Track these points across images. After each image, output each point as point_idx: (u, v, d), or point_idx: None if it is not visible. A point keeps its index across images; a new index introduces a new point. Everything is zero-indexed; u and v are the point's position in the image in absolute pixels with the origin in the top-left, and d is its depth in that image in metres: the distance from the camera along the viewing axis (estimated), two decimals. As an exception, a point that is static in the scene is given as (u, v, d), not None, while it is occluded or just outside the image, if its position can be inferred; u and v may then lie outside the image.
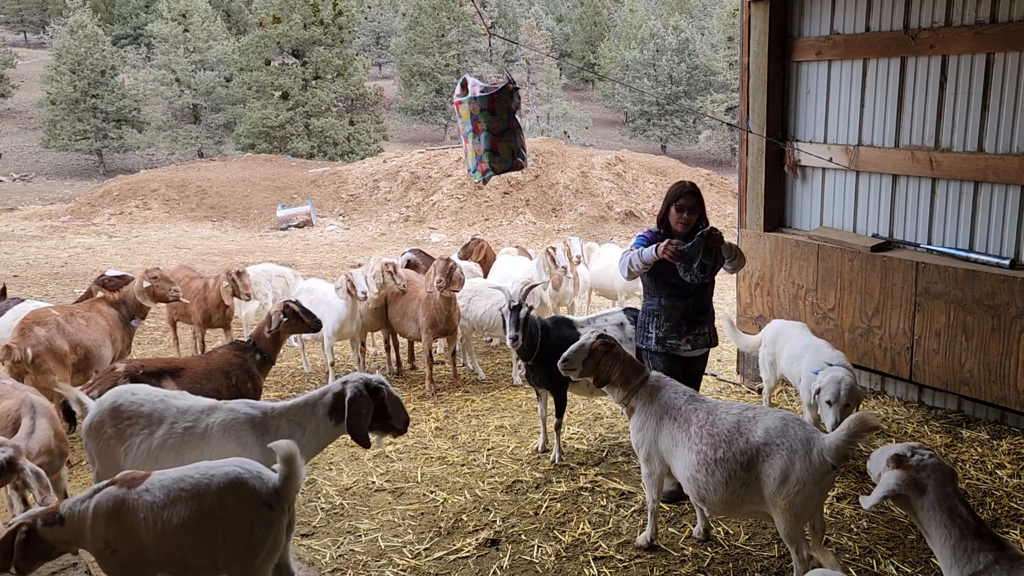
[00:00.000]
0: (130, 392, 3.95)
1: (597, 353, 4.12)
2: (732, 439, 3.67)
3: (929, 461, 2.77)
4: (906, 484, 2.74)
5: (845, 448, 3.47)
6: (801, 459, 3.49)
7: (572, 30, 56.85)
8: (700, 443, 3.75)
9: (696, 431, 3.80)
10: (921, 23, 5.72)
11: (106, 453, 3.83)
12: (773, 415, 3.69)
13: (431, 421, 6.20)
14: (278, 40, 36.20)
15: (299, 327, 5.34)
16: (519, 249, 9.27)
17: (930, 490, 2.71)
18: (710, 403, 3.95)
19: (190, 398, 4.01)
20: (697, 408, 3.91)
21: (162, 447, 3.76)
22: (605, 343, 4.15)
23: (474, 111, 4.72)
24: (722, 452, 3.66)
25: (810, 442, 3.52)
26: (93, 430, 3.85)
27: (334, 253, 16.49)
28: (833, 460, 3.46)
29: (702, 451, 3.73)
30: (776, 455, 3.53)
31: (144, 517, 3.08)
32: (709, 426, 3.77)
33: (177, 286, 6.32)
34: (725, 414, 3.80)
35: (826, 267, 6.29)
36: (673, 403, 3.99)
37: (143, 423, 3.81)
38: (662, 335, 4.80)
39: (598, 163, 20.78)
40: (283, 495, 3.19)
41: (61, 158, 39.16)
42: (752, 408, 3.81)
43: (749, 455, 3.59)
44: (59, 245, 16.51)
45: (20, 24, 60.82)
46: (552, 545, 4.32)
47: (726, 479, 3.64)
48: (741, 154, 7.11)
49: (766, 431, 3.60)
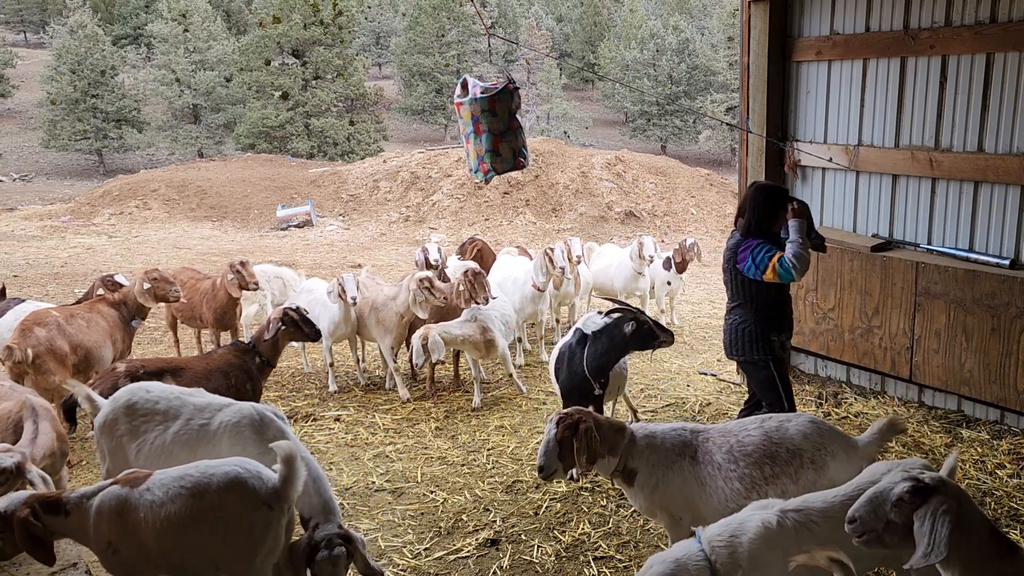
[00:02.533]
0: (144, 390, 3.98)
1: (567, 440, 3.48)
2: (773, 453, 3.40)
3: (939, 474, 2.59)
4: (954, 508, 2.43)
5: (876, 450, 3.49)
6: (842, 463, 3.41)
7: (572, 30, 56.82)
8: (739, 467, 3.41)
9: (725, 458, 3.45)
10: (921, 23, 5.72)
11: (118, 450, 3.85)
12: (799, 420, 3.51)
13: (431, 421, 6.20)
14: (278, 40, 36.18)
15: (297, 335, 5.35)
16: (519, 249, 9.27)
17: (965, 502, 2.54)
18: (713, 428, 3.66)
19: (207, 395, 4.03)
20: (708, 436, 3.57)
21: (175, 443, 3.78)
22: (569, 425, 3.49)
23: (475, 112, 4.72)
24: (769, 469, 3.39)
25: (848, 444, 3.48)
26: (107, 427, 3.87)
27: (334, 253, 16.49)
28: (866, 462, 3.40)
29: (746, 474, 3.39)
30: (821, 461, 3.38)
31: (145, 516, 3.09)
32: (739, 448, 3.45)
33: (177, 286, 6.31)
34: (745, 432, 3.51)
35: (826, 267, 6.29)
36: (678, 442, 3.58)
37: (158, 420, 3.83)
38: (784, 339, 4.65)
39: (598, 163, 20.76)
40: (283, 495, 3.19)
41: (61, 158, 39.14)
42: (764, 419, 3.58)
43: (795, 465, 3.38)
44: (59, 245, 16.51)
45: (20, 24, 60.78)
46: (552, 545, 4.32)
47: (779, 497, 3.30)
48: (741, 154, 7.11)
49: (804, 437, 3.41)
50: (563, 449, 3.47)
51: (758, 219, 4.50)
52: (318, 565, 3.31)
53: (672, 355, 7.85)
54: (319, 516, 3.51)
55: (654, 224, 19.02)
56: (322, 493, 3.57)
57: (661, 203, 19.92)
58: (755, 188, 4.65)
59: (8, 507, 3.05)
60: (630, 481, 3.57)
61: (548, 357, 7.66)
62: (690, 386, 6.91)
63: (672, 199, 20.15)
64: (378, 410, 6.46)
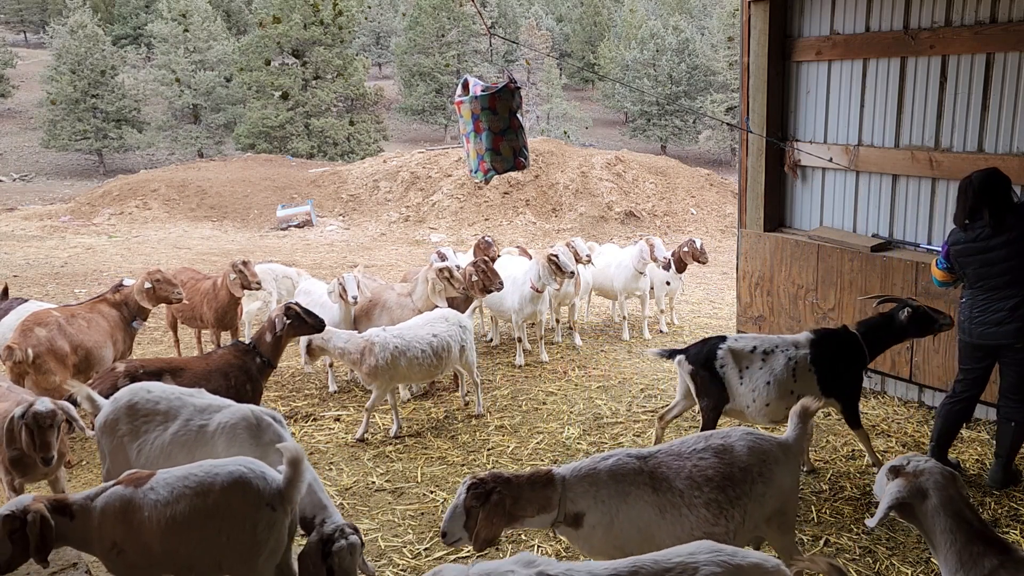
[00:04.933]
0: (146, 390, 3.98)
1: (475, 510, 3.12)
2: (730, 473, 3.30)
3: (926, 466, 2.74)
4: (908, 492, 2.70)
5: (804, 438, 3.60)
6: (783, 466, 3.44)
7: (572, 30, 56.83)
8: (704, 493, 3.26)
9: (686, 484, 3.27)
10: (921, 23, 5.72)
11: (119, 450, 3.86)
12: (738, 435, 3.47)
13: (431, 421, 6.20)
14: (278, 40, 36.20)
15: (303, 329, 5.32)
16: (520, 249, 9.27)
17: (932, 495, 2.67)
18: (659, 451, 3.45)
19: (208, 396, 4.03)
20: (659, 461, 3.35)
21: (174, 443, 3.78)
22: (476, 493, 3.13)
23: (475, 110, 4.72)
24: (732, 491, 3.29)
25: (782, 445, 3.50)
26: (107, 427, 3.88)
27: (334, 253, 16.50)
28: (800, 456, 3.60)
29: (712, 500, 3.26)
30: (768, 472, 3.39)
31: (149, 516, 3.09)
32: (697, 473, 3.29)
33: (180, 288, 6.30)
34: (697, 455, 3.37)
35: (826, 267, 6.29)
36: (628, 471, 3.28)
37: (159, 420, 3.84)
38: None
39: (598, 163, 20.77)
40: (286, 496, 3.19)
41: (61, 158, 39.15)
42: (708, 436, 3.50)
43: (748, 482, 3.33)
44: (59, 245, 16.51)
45: (20, 24, 60.79)
46: (552, 545, 4.32)
47: (743, 517, 3.31)
48: (741, 154, 7.11)
49: (750, 451, 3.38)
50: (469, 518, 3.13)
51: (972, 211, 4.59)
52: (336, 556, 3.28)
53: (672, 355, 7.84)
54: (321, 512, 3.52)
55: (654, 224, 19.02)
56: (318, 492, 3.60)
57: (661, 203, 19.93)
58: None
59: (18, 507, 3.01)
60: (578, 524, 3.24)
61: (547, 357, 7.69)
62: (690, 386, 6.90)
63: (672, 199, 20.15)
64: (378, 410, 6.46)
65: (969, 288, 4.67)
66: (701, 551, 2.61)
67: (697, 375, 4.86)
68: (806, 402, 3.59)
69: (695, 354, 4.90)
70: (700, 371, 4.84)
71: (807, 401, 3.60)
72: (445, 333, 5.95)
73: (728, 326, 8.80)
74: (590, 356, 7.86)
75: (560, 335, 8.47)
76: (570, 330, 8.44)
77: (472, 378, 6.31)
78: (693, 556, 2.58)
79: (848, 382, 4.87)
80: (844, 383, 4.85)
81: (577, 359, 7.76)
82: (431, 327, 5.97)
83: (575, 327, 8.42)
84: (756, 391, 4.73)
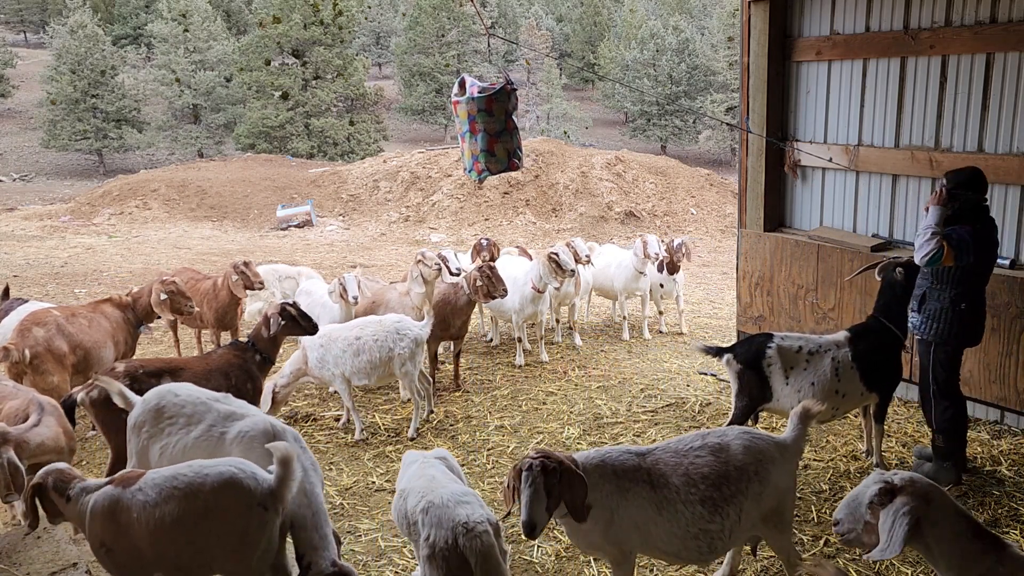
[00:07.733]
0: (173, 393, 3.97)
1: (554, 487, 3.07)
2: (725, 471, 3.35)
3: (912, 475, 2.68)
4: (919, 508, 2.56)
5: (803, 440, 3.60)
6: (779, 466, 3.46)
7: (572, 30, 56.83)
8: (700, 489, 3.30)
9: (682, 481, 3.31)
10: (921, 23, 5.72)
11: (143, 452, 3.87)
12: (735, 433, 3.51)
13: (431, 421, 6.20)
14: (278, 40, 36.20)
15: (296, 331, 5.32)
16: (520, 249, 9.27)
17: (936, 500, 2.62)
18: (657, 448, 3.47)
19: (235, 402, 4.01)
20: (657, 458, 3.39)
21: (195, 448, 3.77)
22: (545, 466, 3.07)
23: (472, 112, 4.73)
24: (727, 488, 3.33)
25: (779, 445, 3.52)
26: (136, 428, 3.90)
27: (334, 253, 16.49)
28: (798, 456, 3.59)
29: (708, 497, 3.30)
30: (764, 471, 3.41)
31: (137, 516, 3.08)
32: (693, 470, 3.34)
33: (193, 302, 6.27)
34: (694, 453, 3.41)
35: (826, 267, 6.29)
36: (629, 467, 3.33)
37: (182, 423, 3.84)
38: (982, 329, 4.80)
39: (598, 163, 20.76)
40: (278, 496, 3.17)
41: (61, 158, 39.15)
42: (705, 434, 3.52)
43: (744, 481, 3.37)
44: (59, 245, 16.50)
45: (20, 24, 60.80)
46: (552, 545, 4.32)
47: (738, 515, 3.35)
48: (741, 154, 7.11)
49: (746, 450, 3.41)
50: (550, 498, 3.07)
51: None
52: None
53: (672, 355, 7.85)
54: (311, 554, 3.34)
55: (654, 224, 19.02)
56: (320, 528, 3.40)
57: (661, 203, 19.92)
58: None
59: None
60: (583, 517, 3.18)
61: (547, 357, 7.69)
62: (690, 386, 6.90)
63: (672, 199, 20.14)
64: (378, 410, 6.46)
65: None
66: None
67: (744, 374, 4.84)
68: (807, 404, 3.61)
69: (743, 353, 4.87)
70: (747, 371, 4.82)
71: (808, 403, 3.62)
72: (371, 337, 5.79)
73: (728, 326, 8.80)
74: (590, 356, 7.86)
75: (560, 335, 8.47)
76: (570, 330, 8.44)
77: (411, 392, 5.91)
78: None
79: (888, 373, 4.92)
80: (884, 374, 4.90)
81: (577, 359, 7.76)
82: (360, 329, 5.90)
83: (575, 327, 8.42)
84: (801, 392, 4.72)
